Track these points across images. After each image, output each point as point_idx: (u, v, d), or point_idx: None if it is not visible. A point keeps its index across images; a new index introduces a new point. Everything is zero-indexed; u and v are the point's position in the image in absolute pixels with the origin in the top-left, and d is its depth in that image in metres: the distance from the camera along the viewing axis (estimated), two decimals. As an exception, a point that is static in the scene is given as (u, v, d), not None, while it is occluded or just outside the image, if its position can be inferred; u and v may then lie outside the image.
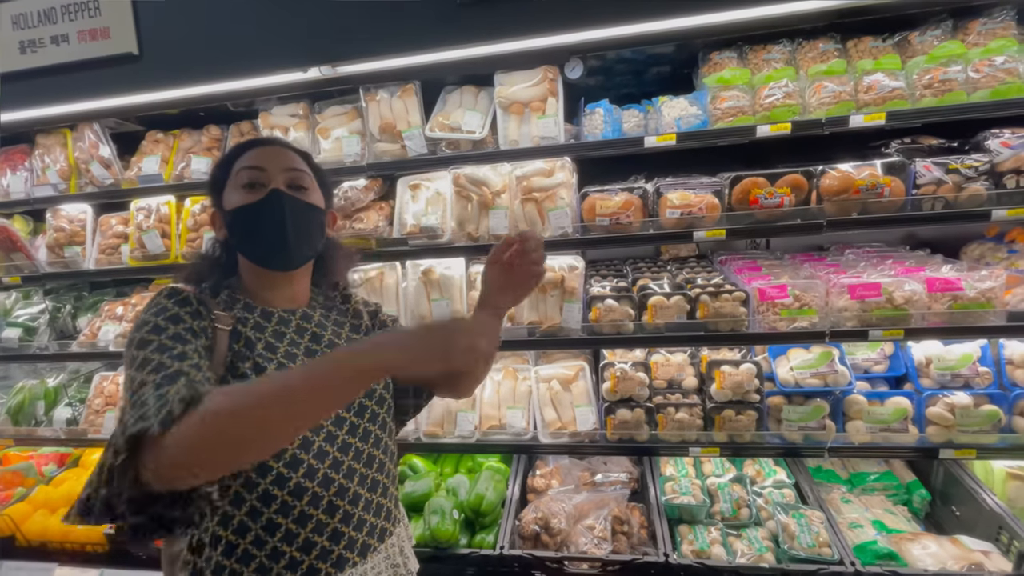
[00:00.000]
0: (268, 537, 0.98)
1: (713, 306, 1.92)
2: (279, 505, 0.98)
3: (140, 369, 0.86)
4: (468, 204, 2.07)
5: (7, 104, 1.92)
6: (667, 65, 2.29)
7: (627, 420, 2.01)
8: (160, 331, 0.92)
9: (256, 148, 1.12)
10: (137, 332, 0.93)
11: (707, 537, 1.80)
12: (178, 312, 0.96)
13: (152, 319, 0.94)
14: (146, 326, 0.93)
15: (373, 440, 1.12)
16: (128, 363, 0.89)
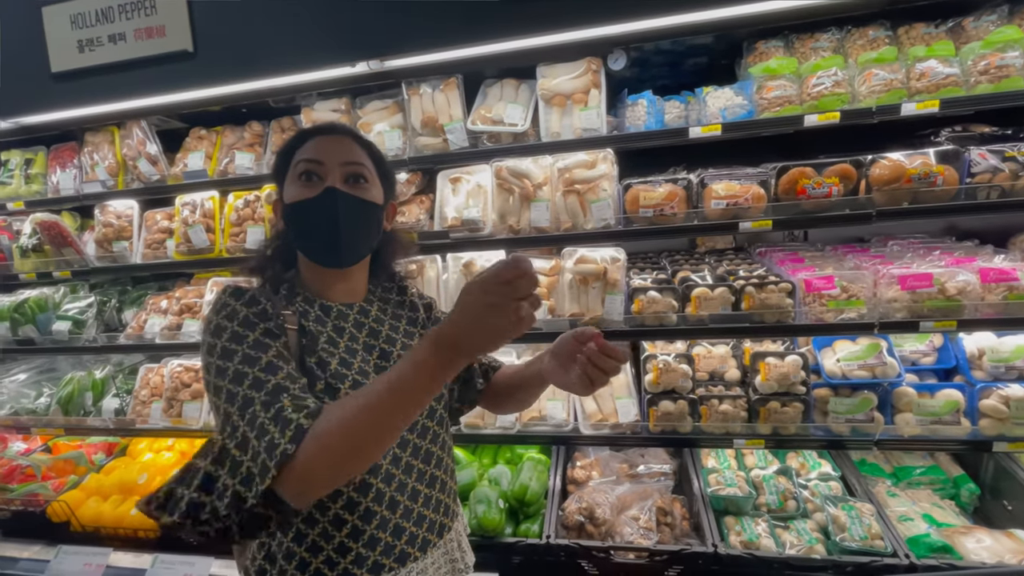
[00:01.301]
0: (336, 532, 1.00)
1: (759, 297, 1.91)
2: (344, 501, 0.99)
3: (236, 383, 0.88)
4: (510, 197, 2.08)
5: (65, 102, 1.98)
6: (704, 56, 2.28)
7: (670, 412, 2.01)
8: (240, 339, 0.92)
9: (317, 137, 1.10)
10: (216, 339, 0.93)
11: (755, 528, 1.80)
12: (248, 315, 0.95)
13: (227, 324, 0.94)
14: (224, 332, 0.93)
15: (431, 436, 1.12)
16: (216, 373, 0.91)
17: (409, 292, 1.30)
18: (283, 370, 0.91)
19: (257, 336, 0.94)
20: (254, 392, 0.86)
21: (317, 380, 0.99)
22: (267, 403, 0.85)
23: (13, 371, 3.05)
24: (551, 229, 2.07)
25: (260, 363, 0.90)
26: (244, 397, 0.86)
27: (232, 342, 0.92)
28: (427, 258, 2.26)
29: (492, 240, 2.13)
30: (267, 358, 0.91)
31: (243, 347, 0.91)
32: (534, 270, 0.78)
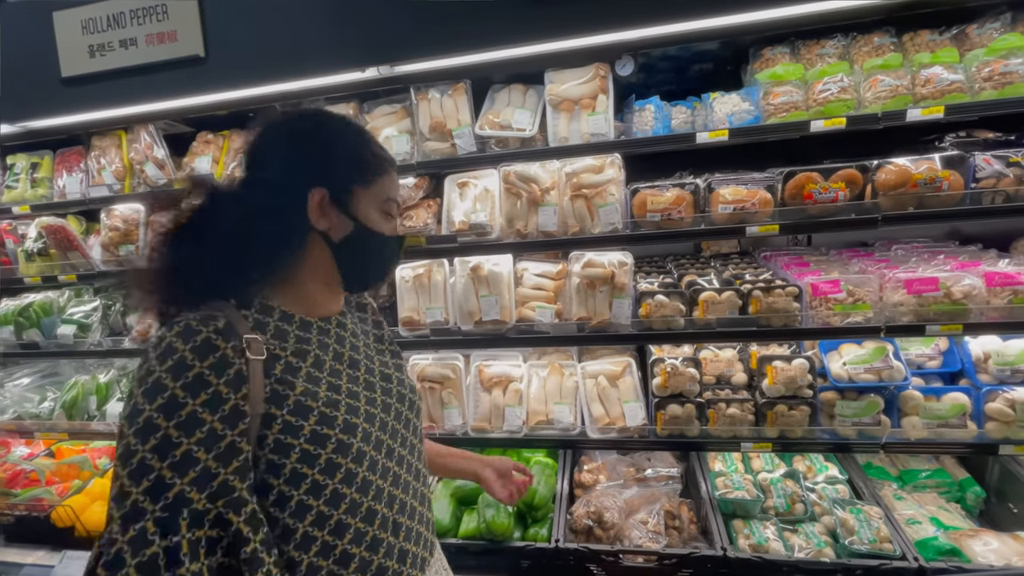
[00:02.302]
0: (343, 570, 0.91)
1: (766, 301, 1.92)
2: (352, 534, 0.91)
3: (134, 479, 0.75)
4: (517, 201, 2.09)
5: (75, 106, 1.99)
6: (710, 62, 2.30)
7: (678, 415, 2.02)
8: (175, 411, 0.76)
9: (393, 173, 1.04)
10: (148, 403, 0.76)
11: (764, 532, 1.80)
12: (201, 372, 0.79)
13: (168, 385, 0.77)
14: (157, 397, 0.76)
15: (418, 453, 1.09)
16: (123, 452, 0.76)
17: (370, 304, 1.24)
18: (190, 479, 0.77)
19: (194, 409, 0.78)
20: (147, 502, 0.74)
21: (309, 413, 0.88)
22: (136, 542, 0.73)
23: (15, 375, 3.04)
24: (558, 233, 2.08)
25: (176, 452, 0.76)
26: (133, 506, 0.74)
27: (160, 413, 0.76)
28: (434, 262, 2.26)
29: (500, 244, 2.14)
30: (191, 442, 0.77)
31: (170, 424, 0.76)
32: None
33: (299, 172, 0.94)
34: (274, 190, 0.92)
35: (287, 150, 0.95)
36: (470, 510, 2.03)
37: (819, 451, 2.14)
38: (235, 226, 0.89)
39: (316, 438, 0.87)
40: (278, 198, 0.92)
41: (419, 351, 2.41)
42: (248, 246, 0.90)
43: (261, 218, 0.90)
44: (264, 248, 0.92)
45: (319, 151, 0.95)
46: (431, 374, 2.26)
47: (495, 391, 2.26)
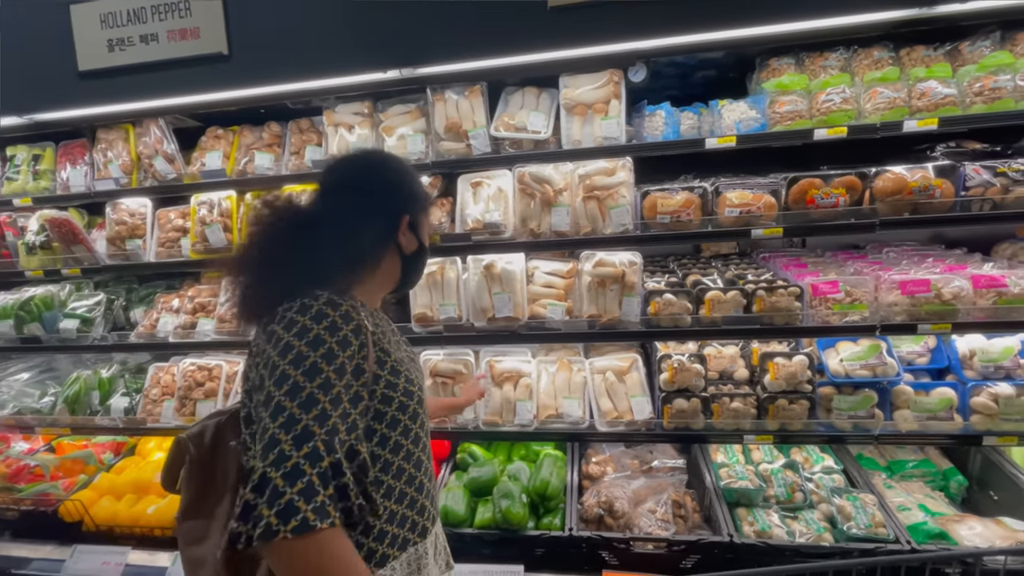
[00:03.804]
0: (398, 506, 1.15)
1: (769, 301, 2.02)
2: (407, 475, 1.16)
3: (306, 407, 0.93)
4: (531, 201, 2.15)
5: (92, 100, 1.97)
6: (713, 69, 2.39)
7: (684, 409, 2.11)
8: (332, 358, 0.98)
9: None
10: (312, 350, 0.97)
11: (767, 519, 1.90)
12: (347, 335, 1.02)
13: (328, 339, 0.99)
14: (320, 348, 0.98)
15: (427, 429, 1.29)
16: (289, 390, 0.94)
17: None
18: (341, 411, 0.97)
19: (346, 358, 1.00)
20: (315, 426, 0.92)
21: (400, 375, 1.13)
22: (312, 457, 0.90)
23: (10, 369, 2.99)
24: (570, 233, 2.14)
25: (332, 393, 0.96)
26: (304, 429, 0.91)
27: (325, 359, 0.97)
28: (447, 260, 2.31)
29: (513, 243, 2.20)
30: (338, 389, 0.98)
31: (330, 368, 0.97)
32: None
33: (398, 200, 1.22)
34: (380, 211, 1.20)
35: (391, 182, 1.23)
36: (484, 501, 2.09)
37: (816, 443, 2.25)
38: (346, 234, 1.14)
39: (407, 393, 1.14)
40: (382, 218, 1.20)
41: (430, 347, 2.46)
42: (354, 251, 1.15)
43: (368, 231, 1.16)
44: (366, 253, 1.18)
45: (408, 186, 1.25)
46: (443, 369, 2.31)
47: (506, 386, 2.32)
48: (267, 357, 1.00)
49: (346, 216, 1.16)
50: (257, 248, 1.14)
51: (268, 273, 1.11)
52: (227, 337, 2.46)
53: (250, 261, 1.14)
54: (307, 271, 1.10)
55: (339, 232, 1.14)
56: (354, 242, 1.16)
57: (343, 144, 2.28)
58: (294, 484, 0.87)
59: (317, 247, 1.12)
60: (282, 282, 1.09)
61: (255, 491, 0.88)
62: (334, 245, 1.13)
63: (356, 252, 1.17)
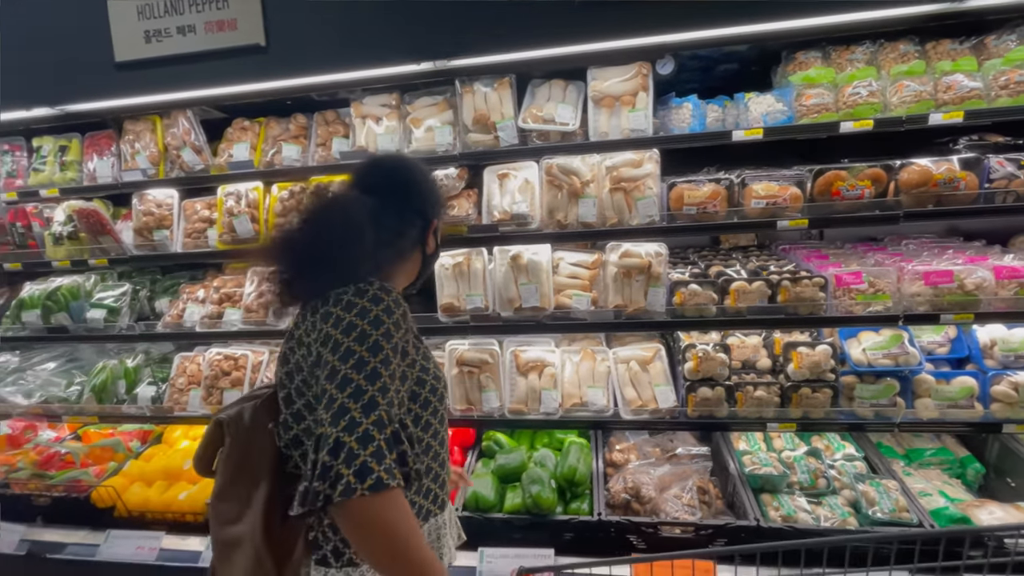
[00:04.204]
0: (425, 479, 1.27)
1: (794, 291, 2.05)
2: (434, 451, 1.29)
3: (370, 380, 1.02)
4: (558, 193, 2.18)
5: (128, 90, 1.99)
6: (735, 63, 2.41)
7: (708, 397, 2.14)
8: (389, 338, 1.08)
9: None
10: (373, 329, 1.06)
11: (792, 504, 1.94)
12: (399, 316, 1.12)
13: (385, 320, 1.08)
14: (381, 326, 1.07)
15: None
16: (356, 364, 1.02)
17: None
18: (395, 388, 1.07)
19: (398, 340, 1.10)
20: (379, 396, 1.01)
21: (430, 359, 1.27)
22: (380, 423, 0.99)
23: (35, 359, 3.02)
24: (597, 224, 2.17)
25: (390, 369, 1.05)
26: (371, 399, 1.00)
27: (384, 338, 1.07)
28: (473, 250, 2.33)
29: (540, 234, 2.23)
30: (396, 365, 1.08)
31: (388, 347, 1.07)
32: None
33: (432, 206, 1.34)
34: (420, 214, 1.31)
35: (428, 189, 1.34)
36: (512, 487, 2.13)
37: (838, 430, 2.29)
38: (395, 232, 1.24)
39: (436, 377, 1.26)
40: (420, 220, 1.31)
41: (455, 336, 2.49)
42: (399, 248, 1.27)
43: (412, 231, 1.29)
44: (406, 251, 1.30)
45: (436, 193, 1.37)
46: (470, 358, 2.34)
47: (531, 375, 2.35)
48: (324, 335, 1.08)
49: (395, 216, 1.25)
50: (309, 237, 1.19)
51: (320, 261, 1.16)
52: (254, 327, 2.49)
53: (299, 249, 1.19)
54: (359, 263, 1.17)
55: (390, 229, 1.23)
56: (400, 240, 1.27)
57: (371, 136, 2.30)
58: (366, 447, 0.96)
59: (371, 242, 1.18)
60: (337, 270, 1.16)
61: (331, 454, 0.95)
62: (384, 241, 1.21)
63: (400, 249, 1.29)
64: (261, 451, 1.20)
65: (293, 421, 1.19)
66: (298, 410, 1.17)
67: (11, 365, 2.93)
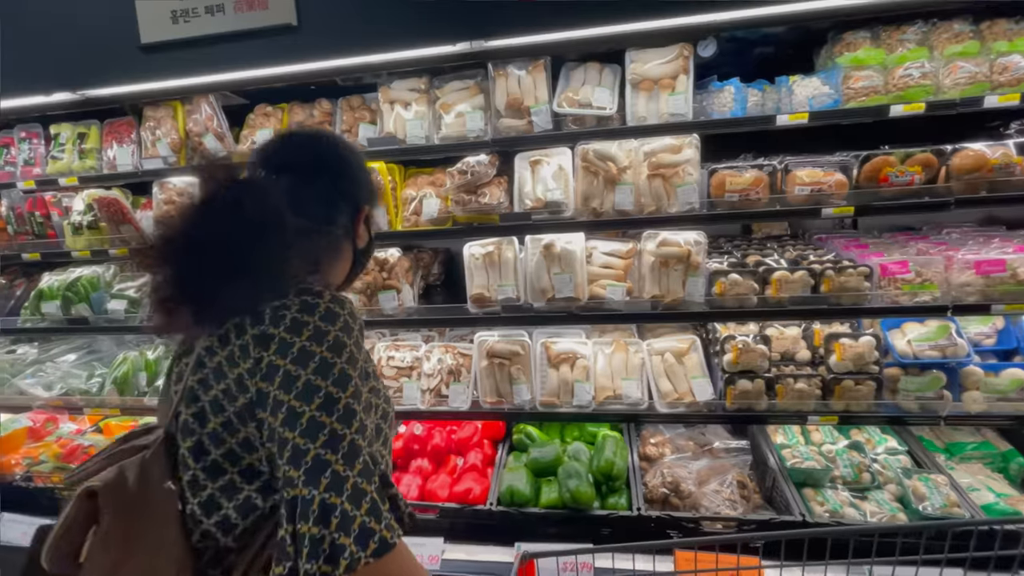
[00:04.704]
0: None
1: (838, 281, 1.99)
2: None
3: (344, 421, 0.83)
4: (594, 179, 2.11)
5: (157, 73, 1.93)
6: (772, 46, 2.34)
7: (748, 390, 2.09)
8: (354, 363, 0.89)
9: None
10: (336, 355, 0.86)
11: (837, 499, 1.89)
12: (358, 335, 0.94)
13: (345, 341, 0.89)
14: (343, 352, 0.87)
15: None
16: (324, 403, 0.83)
17: None
18: (372, 411, 0.94)
19: (362, 361, 0.92)
20: (358, 438, 0.84)
21: (379, 381, 1.05)
22: (365, 472, 0.83)
23: (54, 351, 2.98)
24: (633, 212, 2.11)
25: (361, 399, 0.88)
26: (351, 445, 0.82)
27: (349, 365, 0.87)
28: (504, 239, 2.27)
29: (572, 223, 2.17)
30: (366, 396, 0.91)
31: (355, 375, 0.88)
32: None
33: (363, 189, 1.13)
34: (348, 199, 1.09)
35: (356, 168, 1.12)
36: (546, 481, 2.09)
37: (880, 424, 2.23)
38: (323, 222, 1.04)
39: (386, 399, 1.06)
40: (349, 206, 1.09)
41: (483, 327, 2.45)
42: (330, 241, 1.07)
43: (341, 218, 1.08)
44: (340, 243, 1.10)
45: (365, 176, 1.14)
46: (500, 350, 2.29)
47: (562, 367, 2.30)
48: (268, 367, 0.85)
49: (319, 200, 1.03)
50: (211, 233, 0.89)
51: (233, 265, 0.88)
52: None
53: (199, 250, 0.89)
54: (283, 263, 0.91)
55: (315, 217, 1.01)
56: (331, 231, 1.06)
57: (399, 121, 2.24)
58: (360, 505, 0.79)
59: (292, 234, 0.92)
60: (258, 276, 0.89)
61: (320, 522, 0.77)
62: (310, 232, 0.99)
63: (332, 242, 1.08)
64: (161, 524, 0.89)
65: (207, 477, 0.90)
66: (214, 462, 0.90)
67: (30, 357, 2.90)
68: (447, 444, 2.35)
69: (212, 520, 0.90)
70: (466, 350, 2.46)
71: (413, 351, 2.49)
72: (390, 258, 2.34)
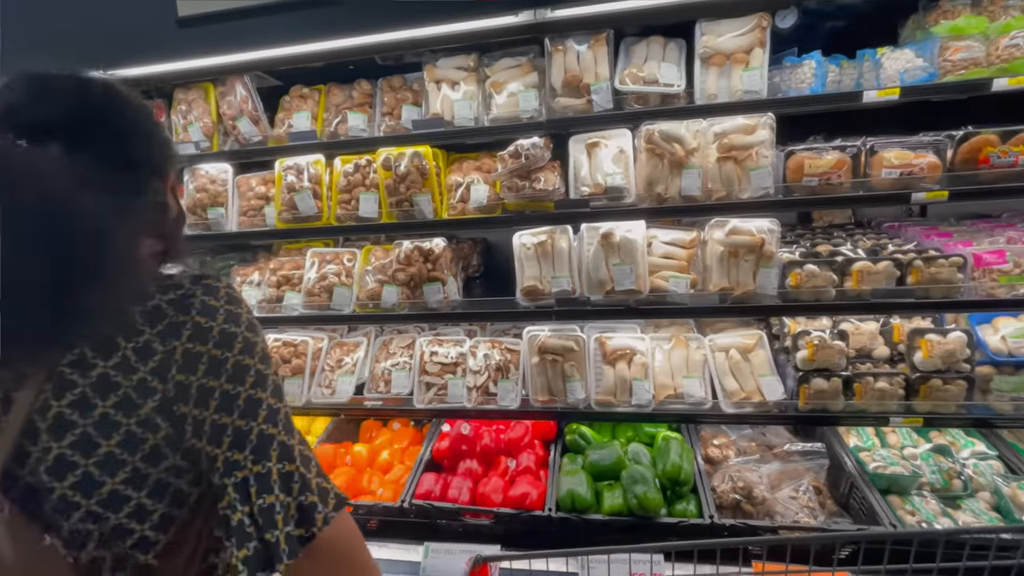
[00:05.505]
0: None
1: (927, 272, 1.84)
2: None
3: (277, 395, 0.86)
4: (659, 163, 1.96)
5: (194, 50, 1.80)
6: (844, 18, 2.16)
7: (823, 389, 1.95)
8: (265, 343, 0.89)
9: None
10: (254, 334, 0.85)
11: (927, 508, 1.75)
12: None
13: (255, 323, 0.88)
14: (255, 332, 0.87)
15: None
16: (256, 377, 0.83)
17: None
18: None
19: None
20: (290, 412, 0.88)
21: None
22: (302, 439, 0.88)
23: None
24: (701, 198, 1.96)
25: (279, 376, 0.91)
26: (286, 416, 0.87)
27: (264, 344, 0.89)
28: (557, 228, 2.13)
29: (632, 210, 2.02)
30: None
31: (267, 351, 0.90)
32: None
33: (158, 148, 0.89)
34: (147, 167, 0.86)
35: (149, 128, 0.88)
36: (607, 485, 1.96)
37: (968, 426, 2.08)
38: (121, 195, 0.78)
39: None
40: (149, 176, 0.87)
41: (533, 321, 2.32)
42: (156, 216, 0.89)
43: (158, 186, 0.89)
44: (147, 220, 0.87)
45: (163, 133, 0.91)
46: (552, 346, 2.16)
47: (619, 364, 2.17)
48: (185, 356, 0.78)
49: (117, 167, 0.80)
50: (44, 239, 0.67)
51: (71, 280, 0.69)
52: (316, 311, 2.33)
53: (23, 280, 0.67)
54: (129, 249, 0.79)
55: (127, 192, 0.81)
56: (156, 204, 0.88)
57: (446, 102, 2.09)
58: (310, 469, 0.84)
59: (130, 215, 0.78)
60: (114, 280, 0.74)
61: (283, 491, 0.80)
62: (146, 209, 0.84)
63: (158, 218, 0.89)
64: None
65: (108, 510, 0.77)
66: (113, 491, 0.77)
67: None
68: (496, 444, 2.22)
69: (110, 552, 0.80)
70: (512, 345, 2.33)
71: (457, 347, 2.36)
72: (435, 248, 2.21)
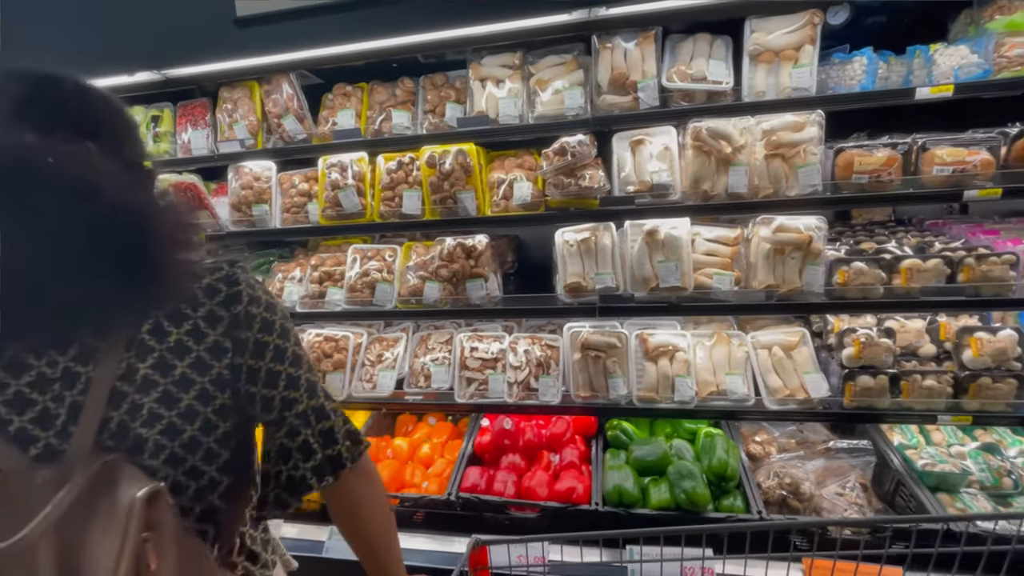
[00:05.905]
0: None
1: (979, 270, 1.83)
2: None
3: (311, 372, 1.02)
4: (706, 160, 1.97)
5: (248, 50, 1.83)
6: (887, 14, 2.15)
7: (869, 387, 1.95)
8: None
9: None
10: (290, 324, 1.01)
11: (978, 506, 1.75)
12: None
13: (287, 311, 1.04)
14: (289, 318, 1.02)
15: None
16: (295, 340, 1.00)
17: None
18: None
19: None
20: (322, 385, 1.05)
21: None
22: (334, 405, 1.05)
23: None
24: (747, 195, 1.97)
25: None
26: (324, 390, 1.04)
27: (294, 328, 1.03)
28: (600, 225, 2.14)
29: (679, 207, 2.03)
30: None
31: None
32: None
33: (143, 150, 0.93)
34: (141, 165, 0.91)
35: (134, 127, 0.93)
36: (653, 481, 1.98)
37: (1013, 425, 2.07)
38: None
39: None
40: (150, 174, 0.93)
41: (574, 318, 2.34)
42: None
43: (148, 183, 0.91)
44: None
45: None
46: (595, 342, 2.18)
47: (661, 361, 2.18)
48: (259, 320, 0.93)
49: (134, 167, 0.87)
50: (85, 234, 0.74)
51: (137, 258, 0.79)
52: (359, 307, 2.36)
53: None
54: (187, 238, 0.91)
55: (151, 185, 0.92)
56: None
57: (491, 100, 2.11)
58: (340, 414, 1.05)
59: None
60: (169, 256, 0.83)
61: (335, 417, 1.01)
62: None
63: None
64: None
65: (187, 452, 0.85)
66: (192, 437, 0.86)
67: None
68: (539, 439, 2.25)
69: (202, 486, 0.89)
70: (552, 341, 2.35)
71: (497, 342, 2.39)
72: (477, 245, 2.24)
